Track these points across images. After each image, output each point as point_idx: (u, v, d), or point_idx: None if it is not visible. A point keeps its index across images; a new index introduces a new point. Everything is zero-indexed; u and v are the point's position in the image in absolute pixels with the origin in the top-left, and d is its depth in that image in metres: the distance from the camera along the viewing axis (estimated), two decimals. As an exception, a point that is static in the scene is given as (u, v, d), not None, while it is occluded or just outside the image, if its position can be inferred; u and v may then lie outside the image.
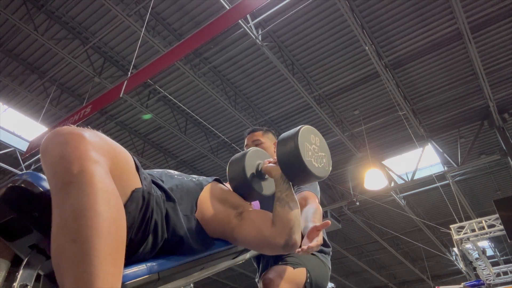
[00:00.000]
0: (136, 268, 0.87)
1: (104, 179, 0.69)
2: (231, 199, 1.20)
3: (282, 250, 1.07)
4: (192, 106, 6.67)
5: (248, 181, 1.24)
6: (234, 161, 1.32)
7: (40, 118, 6.58)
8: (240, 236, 1.11)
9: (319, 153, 1.22)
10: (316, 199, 1.48)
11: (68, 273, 0.61)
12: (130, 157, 0.86)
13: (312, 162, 1.16)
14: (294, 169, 1.15)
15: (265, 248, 1.11)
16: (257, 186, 1.27)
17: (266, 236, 1.07)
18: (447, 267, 11.99)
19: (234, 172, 1.28)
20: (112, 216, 0.67)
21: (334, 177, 8.25)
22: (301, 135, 1.16)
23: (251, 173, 1.26)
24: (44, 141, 0.71)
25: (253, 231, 1.10)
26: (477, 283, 7.57)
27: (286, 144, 1.16)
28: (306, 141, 1.18)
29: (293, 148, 1.13)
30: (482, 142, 7.25)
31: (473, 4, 5.01)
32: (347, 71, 6.04)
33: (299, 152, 1.12)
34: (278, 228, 1.07)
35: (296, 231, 1.08)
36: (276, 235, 1.06)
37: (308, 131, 1.22)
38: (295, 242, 1.07)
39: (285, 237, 1.06)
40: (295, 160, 1.13)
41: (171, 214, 0.98)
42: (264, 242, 1.08)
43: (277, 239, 1.05)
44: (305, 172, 1.14)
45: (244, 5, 3.72)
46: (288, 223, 1.07)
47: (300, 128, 1.18)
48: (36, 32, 5.27)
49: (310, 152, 1.18)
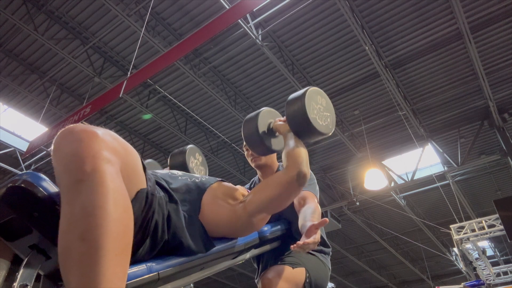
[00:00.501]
0: (136, 268, 0.87)
1: (115, 178, 0.69)
2: (234, 195, 1.23)
3: (297, 183, 1.15)
4: (192, 106, 6.67)
5: (260, 137, 1.38)
6: (248, 119, 1.43)
7: (40, 118, 6.58)
8: (252, 208, 1.15)
9: (324, 112, 1.36)
10: (315, 199, 1.49)
11: (75, 271, 0.61)
12: (139, 157, 0.86)
13: (316, 120, 1.30)
14: (300, 125, 1.29)
15: (281, 190, 1.16)
16: (268, 141, 1.41)
17: (279, 179, 1.18)
18: (447, 267, 11.99)
19: (248, 129, 1.40)
20: (121, 217, 0.67)
21: (334, 177, 8.25)
22: (308, 95, 1.30)
23: (263, 130, 1.39)
24: (57, 138, 0.71)
25: (263, 190, 1.18)
26: (477, 283, 7.58)
27: (295, 103, 1.30)
28: (312, 101, 1.32)
29: (300, 106, 1.27)
30: (482, 142, 7.25)
31: (473, 4, 5.01)
32: (347, 71, 6.04)
33: (305, 110, 1.26)
34: (290, 163, 1.19)
35: (306, 164, 1.19)
36: (289, 171, 1.17)
37: (315, 92, 1.36)
38: (305, 173, 1.17)
39: (297, 169, 1.16)
40: (301, 117, 1.27)
41: (172, 215, 0.98)
42: (278, 186, 1.16)
43: (291, 173, 1.15)
44: (310, 128, 1.28)
45: (244, 5, 3.72)
46: (298, 157, 1.19)
47: (308, 88, 1.33)
48: (36, 32, 5.27)
49: (316, 110, 1.31)
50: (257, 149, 1.44)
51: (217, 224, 1.14)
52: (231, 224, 1.16)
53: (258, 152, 1.47)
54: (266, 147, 1.40)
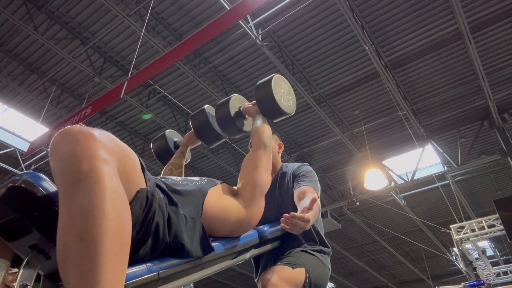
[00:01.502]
0: (136, 268, 0.87)
1: (112, 178, 0.70)
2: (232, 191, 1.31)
3: (264, 151, 1.44)
4: (192, 106, 6.67)
5: (231, 118, 1.62)
6: (220, 104, 1.67)
7: (41, 118, 6.58)
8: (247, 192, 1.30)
9: (287, 96, 1.63)
10: (314, 193, 1.50)
11: (74, 270, 0.61)
12: (137, 158, 0.86)
13: (281, 101, 1.57)
14: (268, 105, 1.56)
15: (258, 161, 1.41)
16: (239, 123, 1.65)
17: (250, 155, 1.44)
18: (447, 267, 11.99)
19: (220, 112, 1.64)
20: (119, 216, 0.67)
21: (334, 177, 8.25)
22: (274, 80, 1.57)
23: (234, 112, 1.63)
24: (54, 139, 0.71)
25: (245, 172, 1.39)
26: (477, 283, 7.58)
27: (262, 86, 1.58)
28: (277, 85, 1.58)
29: (267, 89, 1.55)
30: (482, 142, 7.25)
31: (473, 4, 5.01)
32: (347, 71, 6.04)
33: (272, 92, 1.53)
34: (256, 139, 1.48)
35: (268, 136, 1.49)
36: (255, 145, 1.46)
37: (279, 78, 1.63)
38: (268, 143, 1.47)
39: (261, 140, 1.46)
40: (269, 98, 1.54)
41: (173, 218, 0.99)
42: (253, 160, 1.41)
43: (258, 148, 1.44)
44: (276, 108, 1.55)
45: (244, 5, 3.71)
46: (262, 132, 1.49)
47: (273, 76, 1.60)
48: (36, 32, 5.27)
49: (280, 94, 1.58)
50: (229, 130, 1.67)
51: (223, 222, 1.18)
52: (236, 217, 1.21)
53: (229, 132, 1.69)
54: (236, 127, 1.63)
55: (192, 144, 1.93)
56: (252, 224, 1.31)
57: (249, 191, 1.31)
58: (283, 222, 1.11)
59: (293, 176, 1.66)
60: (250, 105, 1.65)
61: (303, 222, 1.09)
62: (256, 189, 1.33)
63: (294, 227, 1.10)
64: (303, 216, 1.09)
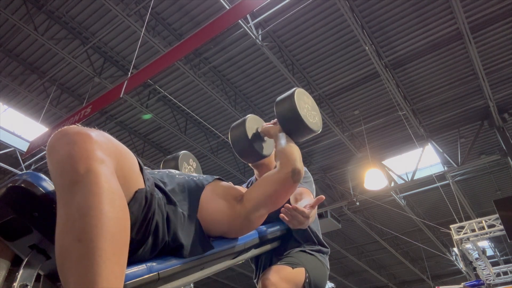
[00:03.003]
0: (136, 268, 0.87)
1: (110, 179, 0.69)
2: (233, 193, 1.23)
3: (292, 180, 1.17)
4: (192, 106, 6.67)
5: (249, 142, 1.40)
6: (235, 126, 1.45)
7: (40, 118, 6.58)
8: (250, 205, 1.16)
9: (312, 111, 1.42)
10: (311, 195, 1.50)
11: (72, 272, 0.61)
12: (134, 158, 0.86)
13: (307, 117, 1.35)
14: (292, 123, 1.33)
15: (279, 188, 1.18)
16: (258, 146, 1.43)
17: (274, 176, 1.19)
18: (447, 267, 11.99)
19: (235, 136, 1.42)
20: (117, 216, 0.67)
21: (334, 177, 8.25)
22: (297, 95, 1.35)
23: (251, 135, 1.42)
24: (51, 140, 0.71)
25: (260, 187, 1.19)
26: (477, 283, 7.58)
27: (284, 102, 1.34)
28: (301, 100, 1.36)
29: (290, 105, 1.32)
30: (482, 142, 7.25)
31: (473, 4, 5.01)
32: (347, 71, 6.04)
33: (296, 107, 1.31)
34: (283, 161, 1.20)
35: (299, 160, 1.21)
36: (283, 168, 1.18)
37: (302, 92, 1.41)
38: (300, 170, 1.18)
39: (291, 166, 1.18)
40: (292, 114, 1.31)
41: (171, 217, 0.99)
42: (274, 183, 1.17)
43: (285, 170, 1.17)
44: (302, 125, 1.32)
45: (244, 5, 3.72)
46: (291, 154, 1.22)
47: (295, 89, 1.38)
48: (36, 32, 5.27)
49: (305, 109, 1.37)
50: (247, 156, 1.44)
51: (216, 222, 1.14)
52: (230, 221, 1.16)
53: (248, 159, 1.46)
54: (255, 152, 1.41)
55: None
56: (246, 232, 1.27)
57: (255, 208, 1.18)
58: (283, 212, 1.10)
59: None
60: (269, 124, 1.42)
61: (303, 217, 1.09)
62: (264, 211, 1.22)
63: (293, 220, 1.11)
64: (304, 211, 1.09)
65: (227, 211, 1.16)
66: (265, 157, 1.47)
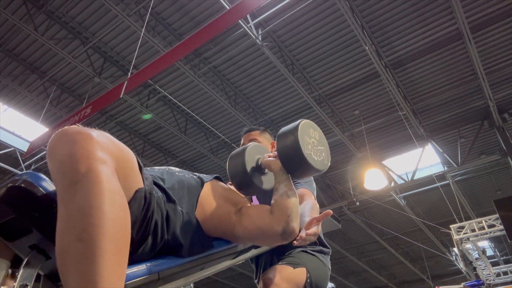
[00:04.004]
0: (136, 268, 0.87)
1: (110, 178, 0.70)
2: (231, 196, 1.21)
3: (280, 238, 1.07)
4: (192, 106, 6.67)
5: (248, 175, 1.25)
6: (234, 156, 1.31)
7: (40, 118, 6.58)
8: (241, 231, 1.11)
9: (318, 147, 1.27)
10: (312, 196, 1.49)
11: (73, 271, 0.61)
12: (134, 157, 0.86)
13: (311, 155, 1.20)
14: (294, 162, 1.18)
15: (265, 238, 1.11)
16: (257, 180, 1.28)
17: (265, 225, 1.08)
18: (447, 267, 11.99)
19: (234, 167, 1.28)
20: (117, 216, 0.67)
21: (334, 177, 8.25)
22: (301, 129, 1.20)
23: (251, 167, 1.27)
24: (52, 140, 0.71)
25: (252, 223, 1.11)
26: (477, 283, 7.57)
27: (287, 137, 1.19)
28: (305, 135, 1.21)
29: (293, 142, 1.17)
30: (482, 142, 7.25)
31: (473, 4, 5.01)
32: (347, 71, 6.04)
33: (299, 145, 1.15)
34: (276, 216, 1.08)
35: (294, 219, 1.09)
36: (274, 223, 1.07)
37: (307, 125, 1.25)
38: (293, 230, 1.07)
39: (283, 224, 1.06)
40: (295, 153, 1.16)
41: (171, 215, 0.99)
42: (263, 232, 1.09)
43: (275, 227, 1.06)
44: (305, 165, 1.17)
45: (244, 5, 3.72)
46: (286, 210, 1.08)
47: (300, 122, 1.22)
48: (36, 32, 5.27)
49: (310, 145, 1.21)
50: (245, 189, 1.30)
51: (212, 224, 1.13)
52: (225, 229, 1.14)
53: (245, 192, 1.32)
54: (255, 186, 1.27)
55: None
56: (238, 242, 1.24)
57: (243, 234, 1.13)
58: (297, 242, 1.05)
59: None
60: (271, 157, 1.27)
61: (314, 237, 1.08)
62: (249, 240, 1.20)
63: (306, 242, 1.08)
64: (316, 232, 1.07)
65: (224, 215, 1.13)
66: (265, 191, 1.33)
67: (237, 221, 1.12)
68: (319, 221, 1.10)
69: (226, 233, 1.15)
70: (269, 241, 1.12)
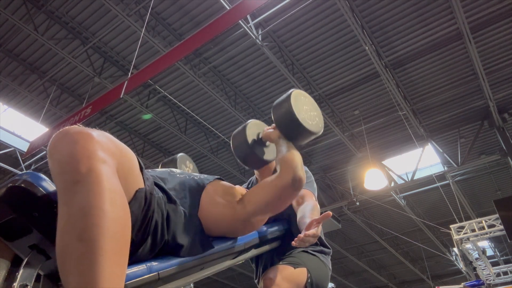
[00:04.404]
0: (136, 268, 0.87)
1: (111, 178, 0.70)
2: (233, 193, 1.23)
3: (292, 188, 1.13)
4: (192, 106, 6.67)
5: (251, 149, 1.38)
6: (236, 134, 1.44)
7: (41, 118, 6.58)
8: (251, 210, 1.15)
9: (311, 112, 1.36)
10: (313, 197, 1.49)
11: (73, 271, 0.61)
12: (135, 157, 0.87)
13: (306, 120, 1.30)
14: (290, 128, 1.29)
15: (277, 197, 1.15)
16: (259, 152, 1.40)
17: (274, 182, 1.15)
18: (447, 267, 11.99)
19: (237, 143, 1.41)
20: (118, 216, 0.68)
21: (334, 177, 8.25)
22: (293, 97, 1.30)
23: (252, 141, 1.40)
24: (53, 140, 0.72)
25: (260, 193, 1.16)
26: (477, 283, 7.57)
27: (281, 107, 1.30)
28: (298, 102, 1.32)
29: (287, 109, 1.27)
30: (482, 142, 7.25)
31: (473, 4, 5.01)
32: (347, 71, 6.04)
33: (293, 112, 1.26)
34: (283, 168, 1.16)
35: (300, 168, 1.16)
36: (283, 175, 1.14)
37: (299, 94, 1.36)
38: (301, 178, 1.14)
39: (291, 174, 1.13)
40: (290, 120, 1.27)
41: (172, 216, 0.99)
42: (274, 191, 1.14)
43: (285, 178, 1.13)
44: (302, 129, 1.28)
45: (244, 6, 3.71)
46: (292, 162, 1.17)
47: (291, 92, 1.33)
48: (36, 32, 5.27)
49: (303, 111, 1.31)
50: (250, 162, 1.42)
51: (216, 222, 1.14)
52: (230, 222, 1.16)
53: (251, 165, 1.44)
54: (258, 158, 1.38)
55: None
56: (246, 233, 1.27)
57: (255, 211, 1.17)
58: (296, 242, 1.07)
59: None
60: (270, 129, 1.37)
61: (313, 238, 1.08)
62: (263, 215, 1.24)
63: (305, 244, 1.08)
64: (315, 233, 1.07)
65: (228, 211, 1.16)
66: (268, 163, 1.45)
67: (242, 208, 1.15)
68: (319, 223, 1.11)
69: (232, 227, 1.17)
70: (282, 197, 1.15)
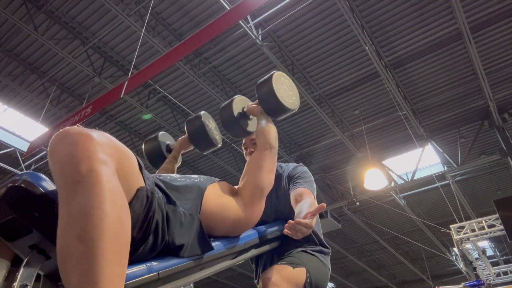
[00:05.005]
0: (136, 268, 0.87)
1: (111, 179, 0.70)
2: (230, 189, 1.31)
3: (270, 152, 1.43)
4: (192, 106, 6.67)
5: (236, 120, 1.62)
6: (224, 106, 1.67)
7: (40, 118, 6.58)
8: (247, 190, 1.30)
9: (289, 92, 1.62)
10: (311, 195, 1.50)
11: (74, 271, 0.61)
12: (135, 157, 0.87)
13: (284, 98, 1.56)
14: (271, 104, 1.55)
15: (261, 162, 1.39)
16: (243, 123, 1.65)
17: (255, 156, 1.43)
18: (447, 267, 11.99)
19: (225, 114, 1.64)
20: (118, 216, 0.68)
21: (334, 177, 8.25)
22: (274, 78, 1.56)
23: (237, 113, 1.64)
24: (53, 141, 0.72)
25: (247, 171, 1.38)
26: (477, 283, 7.57)
27: (264, 86, 1.56)
28: (278, 83, 1.57)
29: (269, 87, 1.54)
30: (482, 142, 7.25)
31: (473, 4, 5.01)
32: (347, 71, 6.04)
33: (273, 91, 1.52)
34: (260, 140, 1.46)
35: (274, 139, 1.47)
36: (260, 145, 1.44)
37: (279, 75, 1.61)
38: (274, 144, 1.46)
39: (267, 143, 1.44)
40: (271, 98, 1.53)
41: (171, 216, 0.99)
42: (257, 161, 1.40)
43: (263, 149, 1.43)
44: (280, 106, 1.54)
45: (244, 6, 3.71)
46: (268, 133, 1.47)
47: (273, 73, 1.58)
48: (36, 32, 5.27)
49: (282, 91, 1.57)
50: (234, 131, 1.66)
51: (221, 219, 1.18)
52: (235, 214, 1.21)
53: (235, 134, 1.68)
54: (241, 128, 1.63)
55: (185, 149, 1.92)
56: (251, 224, 1.31)
57: (249, 191, 1.30)
58: (287, 228, 1.09)
59: (289, 177, 1.65)
60: (253, 105, 1.64)
61: (306, 228, 1.08)
62: (256, 190, 1.32)
63: (297, 233, 1.09)
64: (307, 223, 1.08)
65: (230, 204, 1.22)
66: (250, 134, 1.68)
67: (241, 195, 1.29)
68: (314, 215, 1.13)
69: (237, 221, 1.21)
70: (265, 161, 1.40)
